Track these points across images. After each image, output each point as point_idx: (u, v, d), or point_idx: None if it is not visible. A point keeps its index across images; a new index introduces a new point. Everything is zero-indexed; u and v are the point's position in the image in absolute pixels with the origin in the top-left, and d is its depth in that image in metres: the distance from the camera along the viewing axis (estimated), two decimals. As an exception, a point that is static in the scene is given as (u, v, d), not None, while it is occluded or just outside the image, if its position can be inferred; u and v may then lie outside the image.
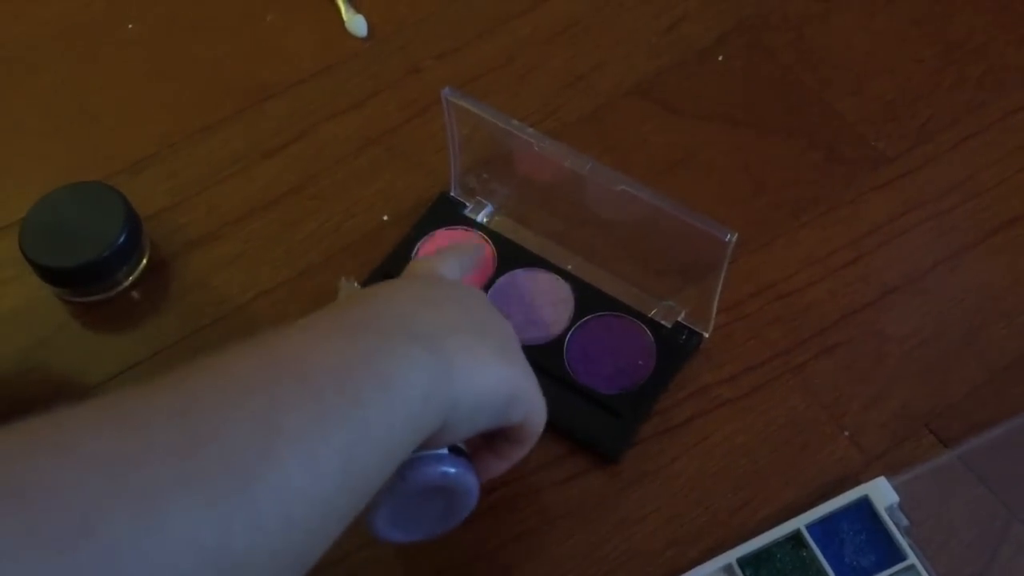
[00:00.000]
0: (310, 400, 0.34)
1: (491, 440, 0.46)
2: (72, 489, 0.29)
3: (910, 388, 0.55)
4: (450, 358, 0.39)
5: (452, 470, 0.43)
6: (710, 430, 0.55)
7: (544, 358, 0.56)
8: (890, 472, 0.51)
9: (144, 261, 0.62)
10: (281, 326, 0.37)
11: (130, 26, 0.73)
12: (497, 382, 0.42)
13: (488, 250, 0.60)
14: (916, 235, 0.60)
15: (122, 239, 0.59)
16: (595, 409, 0.55)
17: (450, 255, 0.51)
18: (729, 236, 0.50)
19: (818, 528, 0.50)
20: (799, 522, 0.50)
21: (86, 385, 0.58)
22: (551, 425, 0.54)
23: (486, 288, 0.59)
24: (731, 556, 0.50)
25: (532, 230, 0.61)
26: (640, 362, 0.56)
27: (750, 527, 0.51)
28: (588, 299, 0.58)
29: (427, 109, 0.67)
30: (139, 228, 0.61)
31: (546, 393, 0.55)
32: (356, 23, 0.71)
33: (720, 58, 0.68)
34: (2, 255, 0.61)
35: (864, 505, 0.50)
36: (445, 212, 0.62)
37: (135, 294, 0.61)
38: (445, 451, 0.43)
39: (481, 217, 0.61)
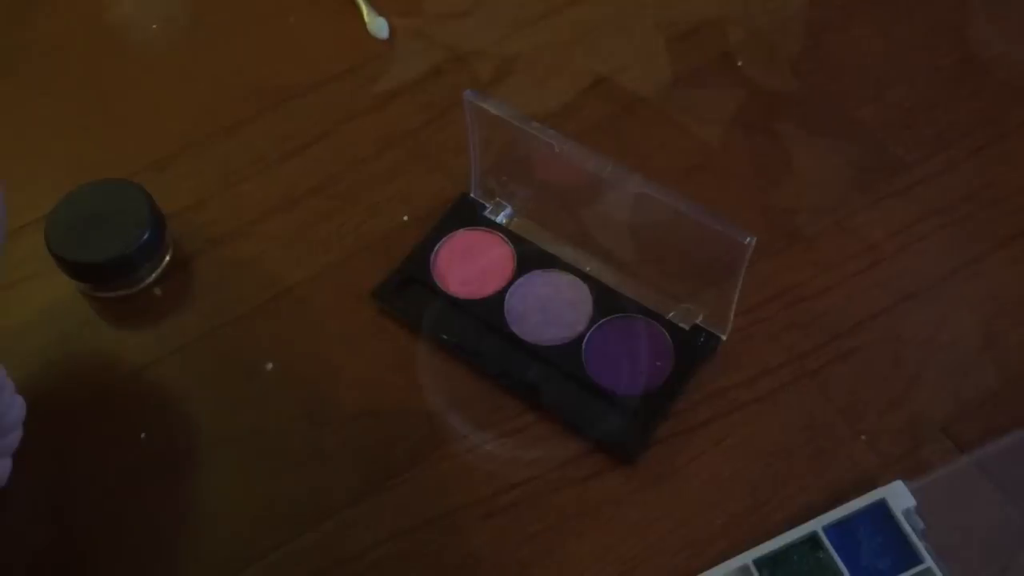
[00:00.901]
0: None
1: None
2: None
3: (927, 393, 0.55)
4: None
5: None
6: (726, 432, 0.55)
7: (562, 359, 0.57)
8: (907, 476, 0.51)
9: (167, 258, 0.62)
10: None
11: (154, 26, 0.74)
12: None
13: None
14: (933, 241, 0.61)
15: (146, 236, 0.59)
16: (612, 410, 0.55)
17: None
18: (748, 239, 0.50)
19: (835, 530, 0.50)
20: (816, 524, 0.50)
21: (108, 379, 0.59)
22: (569, 425, 0.55)
23: (505, 290, 0.59)
24: (748, 557, 0.50)
25: (551, 232, 0.61)
26: (658, 364, 0.56)
27: (766, 529, 0.51)
28: (607, 301, 0.58)
29: (448, 111, 0.67)
30: (162, 225, 0.61)
31: (564, 393, 0.56)
32: (378, 25, 0.72)
33: (739, 63, 0.69)
34: (28, 250, 0.62)
35: (881, 508, 0.51)
36: (465, 213, 0.62)
37: (157, 291, 0.62)
38: None
39: (501, 219, 0.62)
